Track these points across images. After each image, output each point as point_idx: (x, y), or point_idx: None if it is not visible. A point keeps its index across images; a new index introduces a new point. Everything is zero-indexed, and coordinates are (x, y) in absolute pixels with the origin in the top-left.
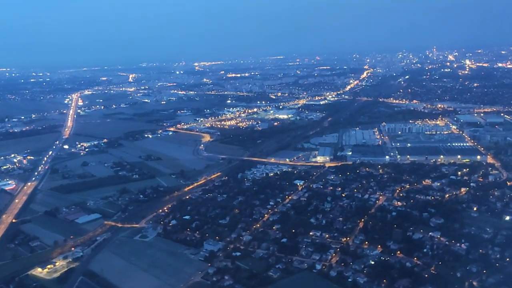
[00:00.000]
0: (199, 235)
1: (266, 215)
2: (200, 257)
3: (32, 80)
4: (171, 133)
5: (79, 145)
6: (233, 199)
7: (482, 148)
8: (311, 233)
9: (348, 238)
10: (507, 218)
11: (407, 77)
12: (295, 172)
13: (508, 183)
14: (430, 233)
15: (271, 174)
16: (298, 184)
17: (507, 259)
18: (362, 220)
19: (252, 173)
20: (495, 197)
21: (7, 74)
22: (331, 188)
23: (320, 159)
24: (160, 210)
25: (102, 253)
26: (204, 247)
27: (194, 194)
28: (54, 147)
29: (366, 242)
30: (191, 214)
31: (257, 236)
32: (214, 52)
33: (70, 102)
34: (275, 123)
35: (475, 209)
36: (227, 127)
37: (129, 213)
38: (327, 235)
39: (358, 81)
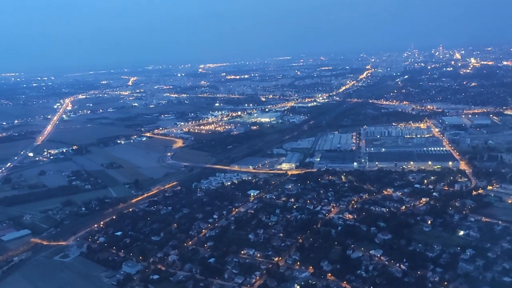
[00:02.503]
0: (124, 254)
1: (204, 230)
2: (114, 281)
3: (34, 84)
4: (145, 138)
5: (45, 153)
6: (178, 211)
7: (458, 153)
8: (243, 252)
9: (280, 258)
10: (461, 233)
11: (406, 77)
12: (253, 181)
13: (474, 192)
14: (370, 252)
15: (228, 184)
16: (251, 194)
17: (445, 282)
18: (303, 236)
19: (208, 182)
20: (454, 209)
21: (12, 79)
22: (284, 199)
23: (285, 166)
24: (96, 225)
25: (12, 276)
26: (122, 269)
27: (139, 206)
28: (16, 157)
29: (298, 263)
30: (126, 230)
31: (185, 255)
32: (223, 54)
33: (60, 106)
34: (254, 127)
35: (429, 222)
36: (204, 131)
37: (62, 229)
38: (258, 254)
39: (355, 81)
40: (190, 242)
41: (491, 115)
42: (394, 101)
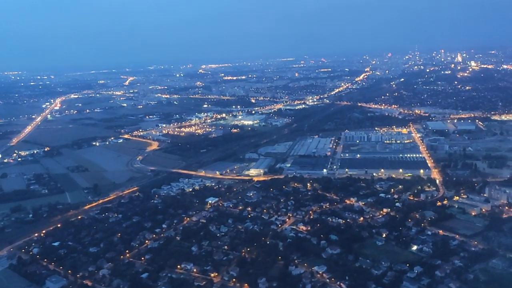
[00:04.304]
0: (54, 267)
1: (147, 241)
2: None
3: (32, 83)
4: (121, 140)
5: (15, 154)
6: (128, 220)
7: (432, 161)
8: (179, 266)
9: (217, 274)
10: (414, 248)
11: (402, 79)
12: (215, 187)
13: (438, 203)
14: (314, 268)
15: (189, 190)
16: (208, 202)
17: None
18: (248, 249)
19: (168, 188)
20: (413, 221)
21: (12, 77)
22: (241, 207)
23: (253, 172)
24: (36, 234)
25: None
26: (46, 285)
27: (90, 213)
28: None
29: (234, 279)
30: (65, 240)
31: (119, 269)
32: (227, 55)
33: (48, 106)
34: (235, 130)
35: (384, 235)
36: (183, 134)
37: (0, 237)
38: (195, 269)
39: (350, 84)
40: (127, 255)
41: (477, 121)
42: (383, 104)
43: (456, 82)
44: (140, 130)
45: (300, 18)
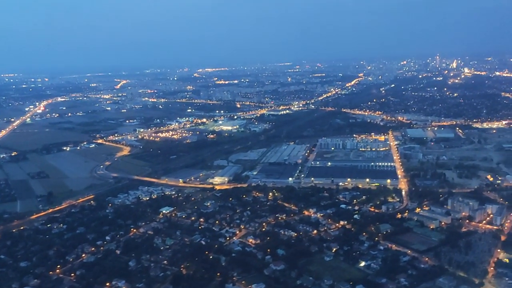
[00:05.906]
0: None
1: (84, 254)
2: None
3: (23, 85)
4: (93, 145)
5: None
6: (71, 231)
7: (403, 170)
8: (109, 284)
9: None
10: (362, 264)
11: (392, 85)
12: (173, 196)
13: (398, 215)
14: (252, 286)
15: (145, 199)
16: (161, 212)
17: None
18: (188, 264)
19: (125, 197)
20: (369, 234)
21: (6, 79)
22: (193, 218)
23: (217, 180)
24: None
25: None
26: None
27: (35, 223)
28: None
29: None
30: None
31: (43, 287)
32: (227, 59)
33: (31, 109)
34: (211, 136)
35: (334, 250)
36: (158, 139)
37: None
38: (125, 287)
39: (339, 89)
40: (58, 270)
41: (457, 128)
42: (368, 110)
43: (445, 89)
44: (116, 134)
45: (301, 23)
